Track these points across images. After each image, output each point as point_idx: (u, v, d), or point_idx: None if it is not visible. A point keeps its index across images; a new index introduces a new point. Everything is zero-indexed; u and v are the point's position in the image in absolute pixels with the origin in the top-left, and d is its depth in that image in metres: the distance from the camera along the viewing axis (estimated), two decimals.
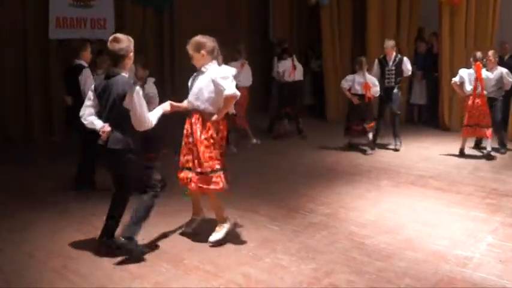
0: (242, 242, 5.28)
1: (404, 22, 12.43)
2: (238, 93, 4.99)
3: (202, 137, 4.99)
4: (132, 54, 4.72)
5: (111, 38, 4.68)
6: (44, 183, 7.40)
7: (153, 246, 5.14)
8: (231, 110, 5.24)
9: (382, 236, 5.47)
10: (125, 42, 4.63)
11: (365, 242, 5.30)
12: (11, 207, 6.35)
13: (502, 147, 9.48)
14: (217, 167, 5.04)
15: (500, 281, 4.46)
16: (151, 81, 6.94)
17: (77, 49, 7.01)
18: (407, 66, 9.77)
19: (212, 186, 5.04)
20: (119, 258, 4.80)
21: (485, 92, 8.80)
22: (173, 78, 12.06)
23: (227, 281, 4.46)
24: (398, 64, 9.67)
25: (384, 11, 12.46)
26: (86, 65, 6.92)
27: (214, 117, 4.99)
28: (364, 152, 9.47)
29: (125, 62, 4.68)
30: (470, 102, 8.89)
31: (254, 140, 10.17)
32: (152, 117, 4.81)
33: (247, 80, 9.89)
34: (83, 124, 5.39)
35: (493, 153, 9.04)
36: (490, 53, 9.29)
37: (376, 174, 8.01)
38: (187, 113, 5.17)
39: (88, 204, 6.37)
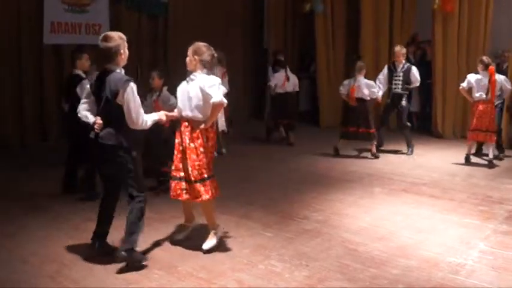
0: (236, 249, 5.29)
1: (397, 30, 12.49)
2: (225, 100, 5.05)
3: (192, 145, 5.04)
4: (124, 51, 4.72)
5: (101, 36, 4.71)
6: (38, 188, 7.37)
7: (148, 253, 5.15)
8: (222, 126, 5.31)
9: (376, 243, 5.49)
10: (116, 40, 4.65)
11: (358, 249, 5.32)
12: (4, 212, 6.33)
13: (500, 151, 9.59)
14: (205, 176, 5.06)
15: None
16: (165, 89, 7.24)
17: (72, 58, 7.05)
18: (416, 75, 9.84)
19: (202, 197, 5.07)
20: (117, 266, 4.80)
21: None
22: (167, 83, 12.03)
23: (221, 287, 4.47)
24: (407, 72, 9.80)
25: (377, 18, 12.54)
26: (83, 75, 6.90)
27: (203, 125, 5.03)
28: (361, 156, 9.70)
29: (118, 59, 4.69)
30: (480, 107, 8.76)
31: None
32: (148, 118, 4.80)
33: (225, 87, 9.79)
34: (77, 133, 5.77)
35: (494, 161, 9.04)
36: (507, 54, 9.27)
37: (369, 181, 8.03)
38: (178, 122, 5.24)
39: (82, 210, 6.36)
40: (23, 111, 10.37)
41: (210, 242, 5.22)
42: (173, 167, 5.21)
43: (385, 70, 10.03)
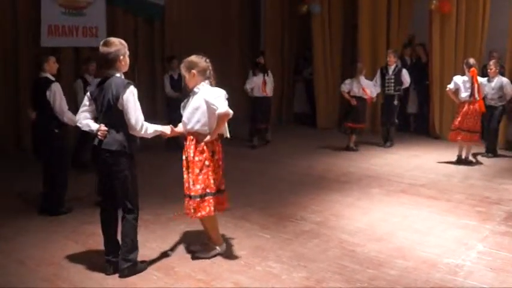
0: (234, 251, 5.28)
1: (394, 30, 12.50)
2: (230, 111, 4.79)
3: (196, 158, 4.81)
4: (124, 57, 4.60)
5: (102, 41, 4.62)
6: (35, 191, 7.34)
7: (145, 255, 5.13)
8: (226, 133, 5.11)
9: (373, 244, 5.49)
10: (115, 45, 4.55)
11: (356, 250, 5.32)
12: (1, 215, 6.32)
13: (490, 152, 9.77)
14: (208, 191, 4.86)
15: None
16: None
17: (39, 62, 6.56)
18: (406, 77, 10.62)
19: (201, 213, 4.85)
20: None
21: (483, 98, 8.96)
22: (164, 88, 12.05)
23: None
24: (398, 73, 10.55)
25: (374, 19, 12.53)
26: (52, 78, 6.51)
27: (208, 138, 4.82)
28: (353, 150, 10.45)
29: (117, 65, 4.56)
30: (465, 108, 8.95)
31: None
32: (149, 125, 4.64)
33: None
34: (50, 143, 6.04)
35: (471, 159, 9.34)
36: (491, 62, 9.51)
37: (367, 182, 8.03)
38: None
39: (79, 213, 6.35)
40: (20, 115, 10.33)
41: (204, 254, 5.11)
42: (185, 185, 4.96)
43: (378, 74, 10.74)
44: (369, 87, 10.33)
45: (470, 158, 9.33)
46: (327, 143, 11.16)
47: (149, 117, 5.28)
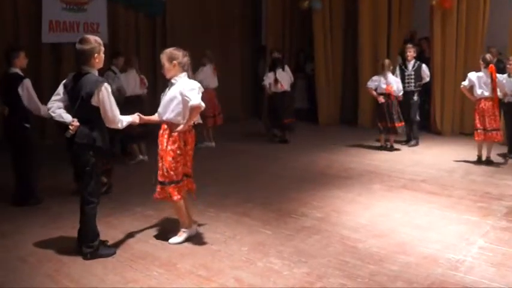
0: (235, 246, 5.29)
1: (395, 26, 12.49)
2: (203, 104, 5.06)
3: (169, 147, 5.10)
4: (99, 55, 4.85)
5: (79, 38, 4.89)
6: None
7: (147, 252, 5.15)
8: (197, 120, 5.35)
9: (374, 239, 5.49)
10: (91, 43, 4.81)
11: (357, 246, 5.32)
12: (2, 211, 6.34)
13: None
14: (175, 179, 5.14)
15: (492, 284, 4.47)
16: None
17: (9, 57, 6.51)
18: (426, 72, 10.45)
19: (173, 198, 5.18)
20: (116, 265, 4.85)
21: (500, 95, 8.69)
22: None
23: (220, 285, 4.47)
24: (418, 69, 10.33)
25: (375, 15, 12.52)
26: (22, 74, 6.53)
27: (180, 128, 5.06)
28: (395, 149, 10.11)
29: (92, 62, 4.81)
30: (481, 105, 8.67)
31: (212, 143, 10.49)
32: (123, 118, 4.94)
33: (215, 82, 10.35)
34: (20, 138, 6.25)
35: (493, 159, 8.96)
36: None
37: (368, 178, 8.03)
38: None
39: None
40: None
41: (176, 238, 5.36)
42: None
43: (397, 70, 10.44)
44: (395, 84, 9.88)
45: (492, 158, 8.98)
46: (328, 139, 11.17)
47: (150, 113, 5.38)
